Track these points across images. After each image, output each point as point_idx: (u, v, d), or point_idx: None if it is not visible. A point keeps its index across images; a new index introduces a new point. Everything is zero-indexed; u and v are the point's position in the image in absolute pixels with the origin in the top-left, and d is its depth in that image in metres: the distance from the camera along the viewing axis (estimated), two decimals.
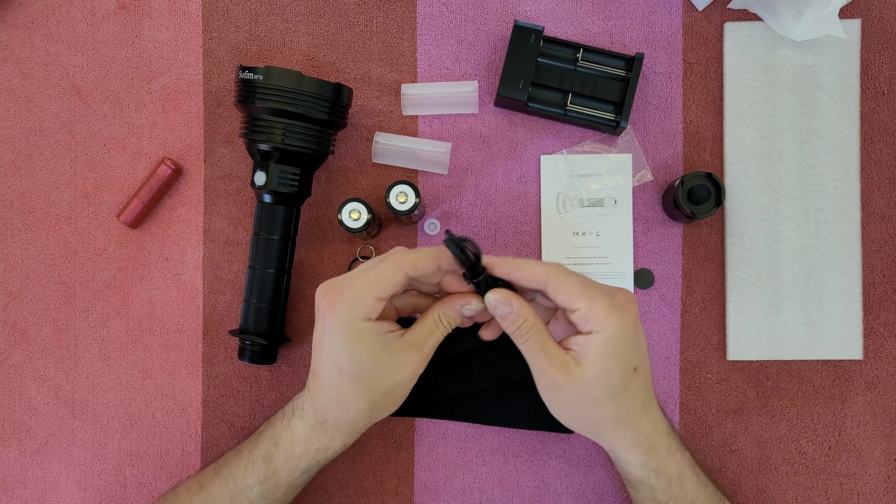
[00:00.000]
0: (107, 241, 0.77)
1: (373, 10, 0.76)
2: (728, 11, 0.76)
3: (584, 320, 0.58)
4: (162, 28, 0.77)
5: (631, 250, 0.75)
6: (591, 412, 0.61)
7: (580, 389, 0.59)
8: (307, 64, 0.76)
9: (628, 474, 0.65)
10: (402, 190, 0.70)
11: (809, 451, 0.75)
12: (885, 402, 0.75)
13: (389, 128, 0.76)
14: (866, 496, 0.74)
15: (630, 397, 0.60)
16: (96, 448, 0.76)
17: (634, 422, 0.62)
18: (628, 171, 0.75)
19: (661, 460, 0.63)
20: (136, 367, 0.76)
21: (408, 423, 0.75)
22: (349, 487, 0.75)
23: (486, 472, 0.75)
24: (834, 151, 0.75)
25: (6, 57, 0.77)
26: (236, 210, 0.76)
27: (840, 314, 0.74)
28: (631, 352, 0.59)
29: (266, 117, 0.68)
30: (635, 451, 0.62)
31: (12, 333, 0.76)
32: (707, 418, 0.75)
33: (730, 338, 0.75)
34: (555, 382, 0.59)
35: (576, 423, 0.63)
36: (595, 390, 0.59)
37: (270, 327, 0.72)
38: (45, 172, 0.77)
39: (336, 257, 0.76)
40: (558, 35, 0.76)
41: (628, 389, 0.60)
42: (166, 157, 0.76)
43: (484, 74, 0.76)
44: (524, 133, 0.76)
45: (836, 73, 0.75)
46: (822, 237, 0.75)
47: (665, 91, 0.76)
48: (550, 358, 0.59)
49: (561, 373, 0.58)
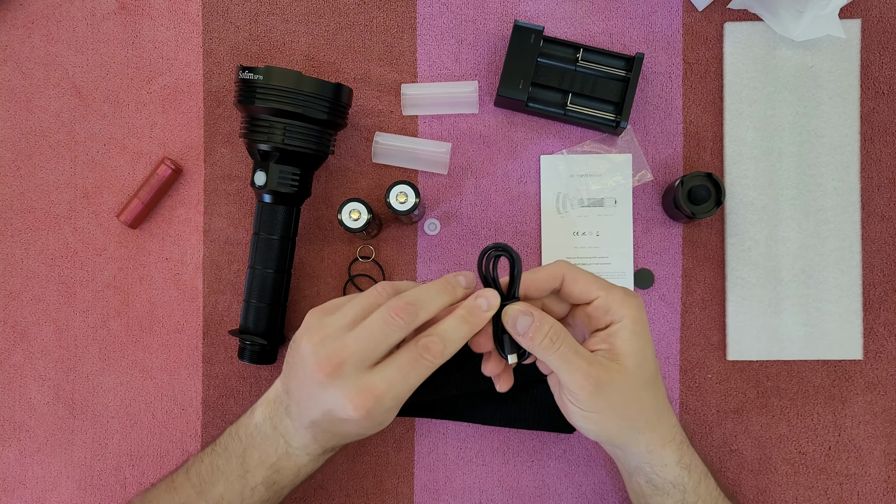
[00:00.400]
0: (107, 241, 0.77)
1: (373, 10, 0.76)
2: (728, 11, 0.76)
3: (605, 310, 0.58)
4: (162, 28, 0.77)
5: (631, 250, 0.75)
6: (636, 409, 0.59)
7: (625, 382, 0.57)
8: (307, 64, 0.76)
9: (660, 478, 0.62)
10: (402, 190, 0.70)
11: (809, 451, 0.75)
12: (885, 402, 0.75)
13: (389, 128, 0.76)
14: (866, 496, 0.74)
15: (660, 385, 0.61)
16: (96, 448, 0.76)
17: (668, 412, 0.61)
18: (628, 171, 0.75)
19: (692, 455, 0.63)
20: (136, 367, 0.76)
21: (408, 423, 0.75)
22: (349, 487, 0.75)
23: (486, 472, 0.75)
24: (834, 151, 0.75)
25: (6, 57, 0.77)
26: (236, 210, 0.76)
27: (840, 314, 0.74)
28: (650, 336, 0.59)
29: (266, 117, 0.68)
30: (671, 447, 0.61)
31: (12, 333, 0.76)
32: (707, 418, 0.75)
33: (730, 338, 0.75)
34: (600, 384, 0.56)
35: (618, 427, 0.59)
36: (637, 380, 0.58)
37: (270, 327, 0.72)
38: (45, 172, 0.77)
39: (336, 257, 0.76)
40: (558, 35, 0.76)
41: (658, 376, 0.60)
42: (166, 157, 0.76)
43: (484, 74, 0.76)
44: (524, 133, 0.76)
45: (836, 73, 0.75)
46: (822, 237, 0.75)
47: (665, 91, 0.76)
48: (589, 359, 0.57)
49: (603, 371, 0.56)
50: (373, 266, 0.76)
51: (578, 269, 0.59)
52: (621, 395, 0.58)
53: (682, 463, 0.62)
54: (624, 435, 0.60)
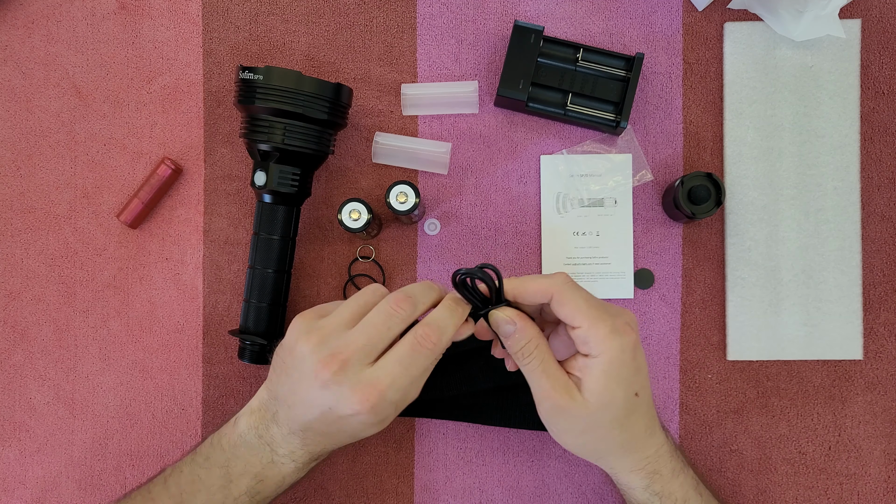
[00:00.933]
0: (107, 241, 0.77)
1: (373, 10, 0.76)
2: (728, 11, 0.76)
3: (583, 341, 0.57)
4: (162, 28, 0.77)
5: (631, 250, 0.75)
6: (594, 438, 0.60)
7: (583, 416, 0.58)
8: (307, 64, 0.76)
9: (632, 498, 0.64)
10: (402, 190, 0.70)
11: (809, 451, 0.75)
12: (885, 402, 0.75)
13: (389, 128, 0.76)
14: (866, 496, 0.74)
15: (633, 423, 0.60)
16: (96, 448, 0.76)
17: (638, 447, 0.61)
18: (628, 171, 0.75)
19: (666, 484, 0.62)
20: (136, 367, 0.76)
21: (408, 423, 0.75)
22: (349, 487, 0.75)
23: (486, 472, 0.75)
24: (834, 151, 0.75)
25: (6, 57, 0.77)
26: (236, 210, 0.76)
27: (840, 314, 0.74)
28: (631, 377, 0.58)
29: (266, 117, 0.68)
30: (638, 475, 0.62)
31: (12, 333, 0.76)
32: (707, 418, 0.75)
33: (730, 338, 0.75)
34: (557, 407, 0.58)
35: (578, 448, 0.62)
36: (598, 417, 0.58)
37: (270, 327, 0.72)
38: (45, 172, 0.77)
39: (336, 257, 0.76)
40: (558, 35, 0.76)
41: (631, 416, 0.59)
42: (166, 157, 0.76)
43: (484, 74, 0.76)
44: (524, 133, 0.76)
45: (836, 73, 0.75)
46: (822, 237, 0.75)
47: (665, 91, 0.76)
48: (553, 381, 0.58)
49: (564, 398, 0.57)
50: (373, 266, 0.76)
51: (572, 290, 0.58)
52: (579, 425, 0.59)
53: (650, 489, 0.62)
54: (585, 455, 0.62)
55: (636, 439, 0.61)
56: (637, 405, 0.59)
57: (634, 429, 0.60)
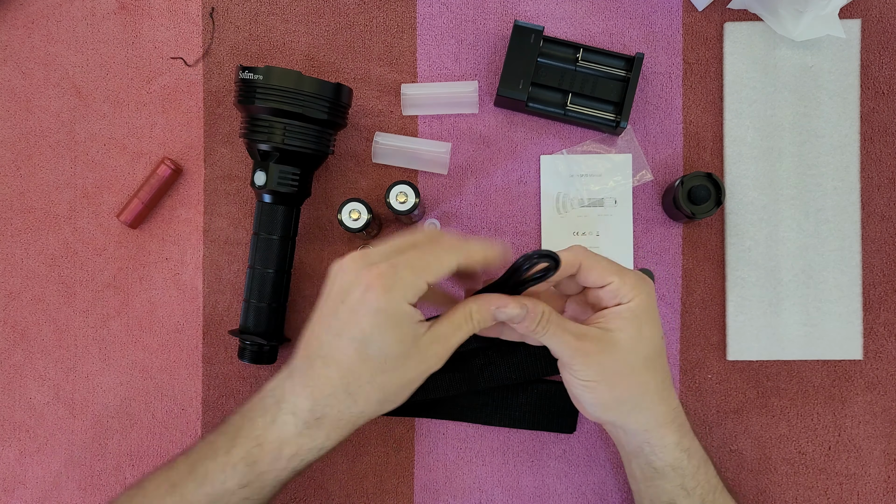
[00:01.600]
0: (107, 241, 0.77)
1: (373, 10, 0.76)
2: (728, 11, 0.76)
3: (614, 294, 0.60)
4: (162, 28, 0.77)
5: (631, 250, 0.75)
6: (629, 385, 0.60)
7: (615, 355, 0.59)
8: (307, 64, 0.76)
9: (659, 460, 0.63)
10: (402, 190, 0.70)
11: (809, 451, 0.75)
12: (885, 402, 0.75)
13: (389, 128, 0.76)
14: (866, 496, 0.74)
15: (662, 366, 0.62)
16: (96, 448, 0.76)
17: (669, 394, 0.62)
18: (628, 171, 0.75)
19: (692, 440, 0.64)
20: (136, 367, 0.76)
21: (408, 423, 0.75)
22: (349, 487, 0.75)
23: (486, 472, 0.75)
24: (834, 151, 0.75)
25: (6, 57, 0.77)
26: (236, 210, 0.76)
27: (840, 314, 0.74)
28: (657, 319, 0.61)
29: (266, 117, 0.68)
30: (671, 428, 0.62)
31: (12, 333, 0.76)
32: (707, 418, 0.75)
33: (730, 338, 0.75)
34: (588, 357, 0.59)
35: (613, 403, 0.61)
36: (631, 360, 0.60)
37: (270, 327, 0.72)
38: (45, 172, 0.77)
39: (336, 257, 0.76)
40: (558, 35, 0.76)
41: (659, 358, 0.61)
42: (166, 157, 0.76)
43: (484, 74, 0.76)
44: (524, 133, 0.76)
45: (836, 73, 0.75)
46: (822, 237, 0.75)
47: (665, 91, 0.76)
48: (578, 332, 0.59)
49: (594, 344, 0.59)
50: None
51: (594, 255, 0.60)
52: (612, 368, 0.60)
53: (681, 446, 0.63)
54: (619, 410, 0.62)
55: (667, 386, 0.62)
56: (663, 349, 0.62)
57: (664, 373, 0.62)
